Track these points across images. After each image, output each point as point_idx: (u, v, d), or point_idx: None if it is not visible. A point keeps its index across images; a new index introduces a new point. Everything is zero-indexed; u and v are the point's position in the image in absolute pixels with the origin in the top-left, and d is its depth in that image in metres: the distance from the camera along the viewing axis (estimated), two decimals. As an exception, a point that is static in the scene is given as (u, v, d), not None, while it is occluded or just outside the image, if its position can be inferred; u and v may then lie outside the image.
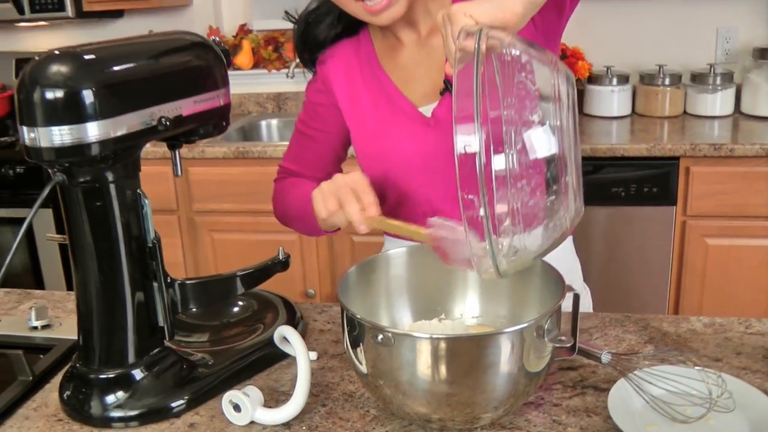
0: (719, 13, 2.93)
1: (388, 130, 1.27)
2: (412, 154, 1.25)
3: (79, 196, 0.93)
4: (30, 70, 0.88)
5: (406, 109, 1.26)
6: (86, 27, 3.41)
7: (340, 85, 1.33)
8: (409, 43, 1.29)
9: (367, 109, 1.30)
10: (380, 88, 1.29)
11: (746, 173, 2.36)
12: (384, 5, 1.15)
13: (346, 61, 1.33)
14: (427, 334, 0.85)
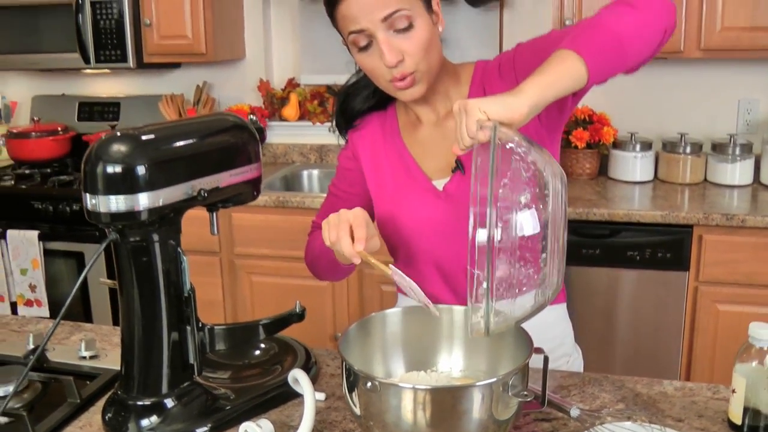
0: (741, 85, 3.05)
1: (404, 197, 1.43)
2: (423, 221, 1.41)
3: (128, 252, 1.11)
4: (96, 147, 1.07)
5: (421, 181, 1.42)
6: (145, 75, 3.66)
7: (365, 154, 1.50)
8: (428, 122, 1.45)
9: (387, 176, 1.46)
10: (400, 160, 1.45)
11: (757, 243, 2.46)
12: (408, 83, 1.31)
13: (372, 132, 1.50)
14: (409, 385, 1.00)
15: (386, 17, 1.25)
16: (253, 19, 3.50)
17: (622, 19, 1.18)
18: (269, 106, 3.52)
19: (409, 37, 1.27)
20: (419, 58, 1.29)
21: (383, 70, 1.30)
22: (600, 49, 1.14)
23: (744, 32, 2.64)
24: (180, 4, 3.14)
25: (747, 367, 1.13)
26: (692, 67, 3.05)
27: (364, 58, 1.31)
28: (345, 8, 1.28)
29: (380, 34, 1.26)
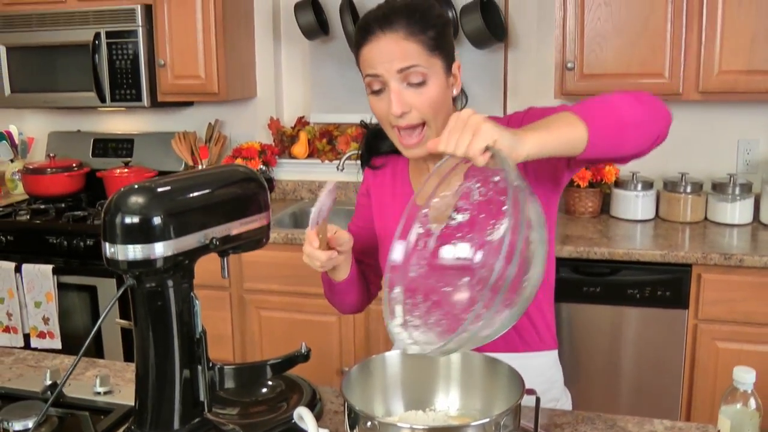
0: (741, 125, 3.12)
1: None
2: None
3: (144, 296, 1.18)
4: (115, 199, 1.14)
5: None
6: (159, 113, 3.76)
7: (377, 193, 1.60)
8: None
9: (393, 218, 1.52)
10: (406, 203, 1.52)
11: (755, 282, 2.51)
12: (414, 143, 1.39)
13: (386, 174, 1.60)
14: (407, 424, 1.06)
15: (402, 69, 1.34)
16: (264, 59, 3.60)
17: (631, 110, 1.23)
18: (279, 143, 3.61)
19: (420, 92, 1.35)
20: (429, 112, 1.37)
21: (390, 117, 1.37)
22: (605, 126, 1.20)
23: (741, 75, 2.71)
24: (194, 45, 3.24)
25: (732, 408, 1.19)
26: (692, 108, 3.13)
27: (375, 101, 1.40)
28: (367, 52, 1.37)
29: (393, 84, 1.35)
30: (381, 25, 1.35)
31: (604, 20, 2.81)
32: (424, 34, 1.35)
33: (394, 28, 1.34)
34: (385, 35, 1.35)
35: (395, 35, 1.34)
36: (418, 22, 1.36)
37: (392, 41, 1.34)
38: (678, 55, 2.76)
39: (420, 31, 1.35)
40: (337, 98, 3.60)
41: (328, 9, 3.48)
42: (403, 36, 1.34)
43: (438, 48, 1.38)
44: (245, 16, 3.48)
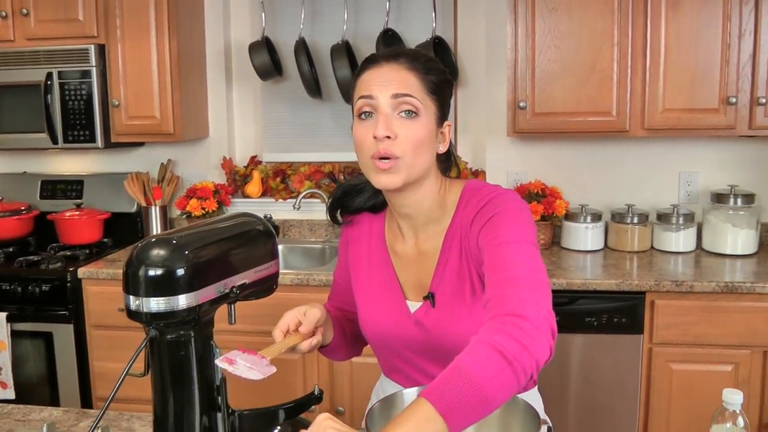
0: (682, 159, 3.30)
1: (382, 309, 1.53)
2: (396, 337, 1.51)
3: (166, 346, 1.20)
4: (137, 252, 1.16)
5: (398, 298, 1.51)
6: (109, 153, 3.72)
7: (355, 251, 1.60)
8: (409, 240, 1.51)
9: (373, 282, 1.55)
10: (384, 270, 1.54)
11: (705, 306, 2.65)
12: (389, 165, 1.33)
13: (364, 232, 1.59)
14: None
15: (397, 95, 1.34)
16: (216, 98, 3.62)
17: (498, 382, 1.10)
18: (232, 183, 3.62)
19: (409, 126, 1.34)
20: (409, 148, 1.34)
21: (370, 143, 1.34)
22: (465, 409, 1.07)
23: (683, 113, 2.89)
24: (148, 85, 3.24)
25: (722, 428, 1.27)
26: (637, 144, 3.30)
27: (360, 126, 1.37)
28: (366, 76, 1.38)
29: (384, 108, 1.34)
30: (387, 58, 1.38)
31: (554, 61, 2.95)
32: (425, 75, 1.38)
33: (399, 61, 1.37)
34: (388, 64, 1.37)
35: (398, 65, 1.36)
36: (422, 64, 1.39)
37: (393, 69, 1.36)
38: (624, 95, 2.91)
39: (422, 71, 1.37)
40: (290, 137, 3.65)
41: (281, 49, 3.54)
42: (405, 68, 1.36)
43: (435, 93, 1.39)
44: (197, 56, 3.50)
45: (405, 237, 1.52)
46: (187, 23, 3.37)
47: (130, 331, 2.99)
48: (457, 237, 1.43)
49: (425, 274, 1.48)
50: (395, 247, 1.53)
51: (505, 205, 1.37)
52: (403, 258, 1.52)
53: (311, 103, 3.58)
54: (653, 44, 2.87)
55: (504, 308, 1.18)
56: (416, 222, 1.48)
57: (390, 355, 1.56)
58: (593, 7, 2.89)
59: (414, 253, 1.50)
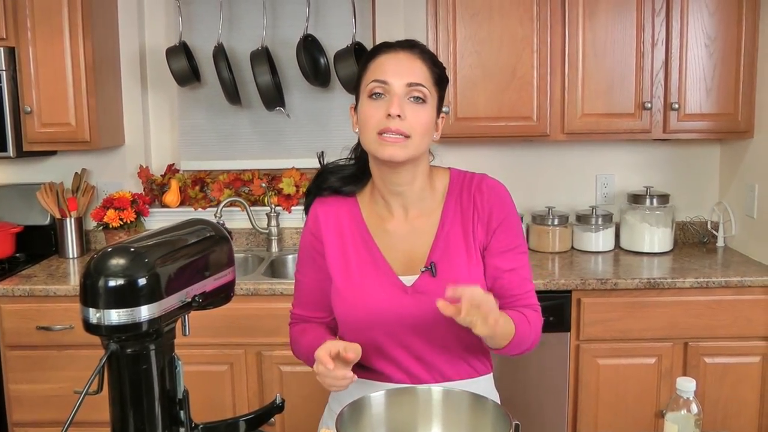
0: (598, 162, 3.43)
1: (371, 289, 1.53)
2: (389, 313, 1.52)
3: (126, 360, 1.16)
4: (95, 262, 1.11)
5: (389, 275, 1.54)
6: (19, 164, 3.55)
7: (330, 236, 1.59)
8: (399, 217, 1.58)
9: (353, 265, 1.56)
10: (367, 251, 1.56)
11: (628, 303, 2.76)
12: (398, 140, 1.44)
13: (337, 218, 1.60)
14: None
15: (411, 84, 1.45)
16: (131, 105, 3.51)
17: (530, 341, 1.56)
18: (149, 192, 3.52)
19: (418, 110, 1.46)
20: (416, 129, 1.45)
21: (379, 120, 1.45)
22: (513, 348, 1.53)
23: (601, 118, 3.00)
24: (63, 91, 3.10)
25: (677, 415, 1.33)
26: (556, 147, 3.40)
27: (370, 105, 1.47)
28: (382, 60, 1.49)
29: (398, 91, 1.45)
30: (402, 45, 1.50)
31: (475, 67, 3.01)
32: (435, 66, 1.51)
33: (414, 50, 1.49)
34: (404, 52, 1.49)
35: (413, 55, 1.49)
36: (431, 57, 1.52)
37: (410, 59, 1.48)
38: (544, 100, 3.00)
39: (432, 63, 1.51)
40: (207, 145, 3.58)
41: (199, 55, 3.47)
42: (419, 57, 1.49)
43: (438, 85, 1.52)
44: (112, 61, 3.39)
45: (395, 215, 1.58)
46: (101, 26, 3.25)
47: (49, 350, 2.87)
48: (458, 218, 1.56)
49: (418, 247, 1.55)
50: (384, 225, 1.58)
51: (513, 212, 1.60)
52: (393, 235, 1.57)
53: (229, 109, 3.52)
54: (571, 51, 2.97)
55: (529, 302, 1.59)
56: (408, 199, 1.57)
57: (376, 337, 1.53)
58: (513, 14, 2.97)
59: (405, 229, 1.57)
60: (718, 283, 2.74)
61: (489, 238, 1.55)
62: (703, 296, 2.75)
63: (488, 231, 1.55)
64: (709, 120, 3.00)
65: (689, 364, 2.78)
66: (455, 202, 1.57)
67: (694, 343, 2.78)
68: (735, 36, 2.96)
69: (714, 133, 3.03)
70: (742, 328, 2.76)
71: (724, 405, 2.81)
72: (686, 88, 2.98)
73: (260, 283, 2.85)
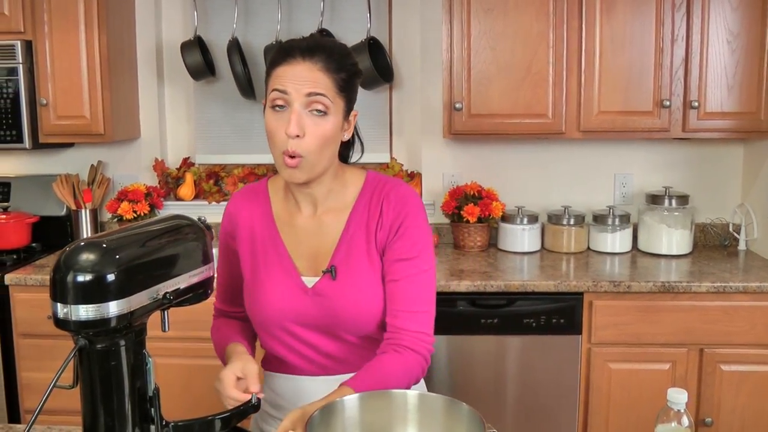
0: (616, 161, 3.36)
1: (274, 287, 1.54)
2: (288, 311, 1.53)
3: (96, 356, 1.14)
4: (64, 257, 1.09)
5: (292, 275, 1.53)
6: (37, 155, 3.58)
7: (242, 237, 1.59)
8: (305, 213, 1.57)
9: (260, 261, 1.56)
10: (274, 249, 1.56)
11: (642, 306, 2.69)
12: (294, 163, 1.42)
13: (250, 215, 1.60)
14: None
15: (310, 94, 1.41)
16: (148, 99, 3.52)
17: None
18: (165, 185, 3.53)
19: (318, 123, 1.42)
20: (314, 146, 1.42)
21: (282, 138, 1.42)
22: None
23: (618, 116, 2.93)
24: (78, 84, 3.12)
25: (667, 427, 1.28)
26: (573, 146, 3.33)
27: (272, 117, 1.44)
28: (283, 71, 1.43)
29: (296, 105, 1.41)
30: (303, 53, 1.42)
31: (490, 63, 2.96)
32: (338, 74, 1.44)
33: (314, 60, 1.42)
34: (304, 62, 1.42)
35: (313, 65, 1.42)
36: (335, 62, 1.44)
37: (309, 69, 1.41)
38: (560, 97, 2.94)
39: (335, 70, 1.43)
40: (223, 139, 3.57)
41: (214, 49, 3.46)
42: (320, 68, 1.42)
43: (344, 91, 1.46)
44: (128, 55, 3.40)
45: (303, 211, 1.57)
46: (118, 20, 3.26)
47: (60, 340, 2.87)
48: (363, 221, 1.53)
49: (323, 246, 1.54)
50: (293, 220, 1.57)
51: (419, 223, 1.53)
52: (300, 230, 1.56)
53: (244, 104, 3.51)
54: (588, 47, 2.90)
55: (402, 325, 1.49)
56: (315, 197, 1.55)
57: (281, 335, 1.55)
58: (529, 10, 2.91)
59: (313, 225, 1.56)
60: (735, 288, 2.66)
61: (386, 244, 1.52)
62: (720, 301, 2.67)
63: (388, 237, 1.52)
64: (730, 119, 2.92)
65: (704, 371, 2.71)
66: (364, 205, 1.55)
67: (710, 349, 2.70)
68: (759, 32, 2.87)
69: (735, 132, 2.94)
70: (760, 336, 2.68)
71: (741, 414, 2.73)
72: (707, 86, 2.90)
73: (268, 278, 2.84)
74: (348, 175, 1.58)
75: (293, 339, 1.55)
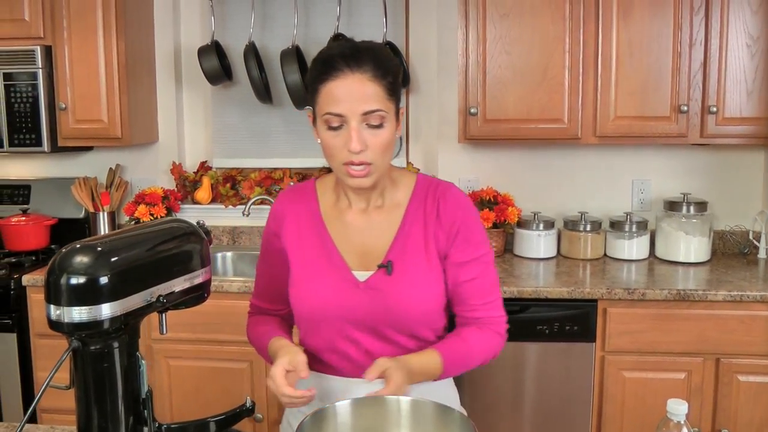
0: (634, 167, 3.32)
1: (323, 283, 1.53)
2: (339, 308, 1.52)
3: (89, 358, 1.14)
4: (59, 260, 1.10)
5: (342, 270, 1.53)
6: (57, 158, 3.63)
7: (289, 234, 1.59)
8: (357, 209, 1.57)
9: (309, 258, 1.56)
10: (322, 245, 1.56)
11: (657, 314, 2.65)
12: (363, 173, 1.43)
13: (296, 212, 1.60)
14: None
15: (366, 113, 1.39)
16: (166, 103, 3.54)
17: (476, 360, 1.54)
18: (182, 188, 3.55)
19: (377, 134, 1.41)
20: (379, 154, 1.43)
21: (343, 152, 1.41)
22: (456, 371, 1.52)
23: (635, 121, 2.89)
24: (96, 88, 3.16)
25: (666, 440, 1.25)
26: (590, 151, 3.30)
27: (331, 137, 1.42)
28: (333, 88, 1.39)
29: (354, 123, 1.39)
30: (349, 63, 1.38)
31: (505, 67, 2.94)
32: (386, 79, 1.41)
33: (362, 69, 1.38)
34: (353, 73, 1.38)
35: (363, 75, 1.38)
36: (381, 67, 1.41)
37: (359, 81, 1.38)
38: (576, 102, 2.91)
39: (383, 75, 1.41)
40: (240, 143, 3.59)
41: (231, 54, 3.48)
42: (369, 77, 1.39)
43: (394, 94, 1.44)
44: (147, 60, 3.43)
45: (353, 207, 1.57)
46: (136, 25, 3.29)
47: (73, 341, 2.91)
48: (420, 220, 1.54)
49: (376, 242, 1.54)
50: (342, 217, 1.57)
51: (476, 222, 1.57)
52: (350, 227, 1.56)
53: (262, 108, 3.52)
54: (605, 52, 2.88)
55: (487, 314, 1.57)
56: (370, 195, 1.55)
57: (327, 331, 1.54)
58: (544, 14, 2.89)
59: (363, 222, 1.56)
60: (753, 297, 2.61)
61: (449, 246, 1.54)
62: (737, 310, 2.63)
63: (449, 239, 1.53)
64: (749, 124, 2.87)
65: (721, 382, 2.66)
66: (419, 205, 1.55)
67: (727, 359, 2.65)
68: (780, 37, 2.83)
69: (754, 138, 2.89)
70: (778, 346, 2.64)
71: (759, 426, 2.68)
72: (725, 91, 2.85)
73: (280, 282, 2.84)
74: (396, 174, 1.59)
75: (337, 335, 1.54)
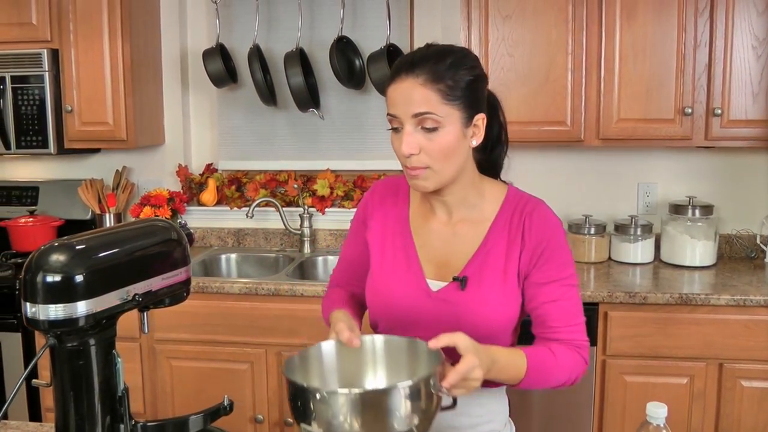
0: (640, 169, 3.29)
1: (398, 285, 1.54)
2: (409, 312, 1.52)
3: (66, 355, 1.15)
4: (35, 258, 1.11)
5: (418, 276, 1.53)
6: (65, 160, 3.66)
7: (375, 226, 1.62)
8: (441, 219, 1.56)
9: (389, 257, 1.57)
10: (404, 248, 1.57)
11: (659, 318, 2.63)
12: (417, 174, 1.43)
13: (386, 211, 1.62)
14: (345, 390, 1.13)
15: (417, 114, 1.39)
16: (172, 105, 3.56)
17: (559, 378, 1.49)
18: (187, 190, 3.57)
19: (432, 138, 1.39)
20: (436, 158, 1.41)
21: (401, 155, 1.43)
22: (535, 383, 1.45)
23: (638, 123, 2.87)
24: (102, 91, 3.19)
25: (646, 442, 1.24)
26: (594, 154, 3.28)
27: (393, 137, 1.45)
28: (391, 92, 1.43)
29: (407, 126, 1.40)
30: (406, 69, 1.40)
31: (508, 70, 2.93)
32: (438, 84, 1.39)
33: (416, 74, 1.39)
34: (408, 78, 1.39)
35: (415, 80, 1.39)
36: (436, 73, 1.39)
37: (411, 86, 1.39)
38: (579, 104, 2.89)
39: (435, 81, 1.39)
40: (245, 145, 3.60)
41: (236, 57, 3.49)
42: (421, 82, 1.38)
43: (456, 99, 1.40)
44: (153, 63, 3.45)
45: (437, 215, 1.56)
46: (142, 28, 3.32)
47: (76, 342, 2.93)
48: (504, 238, 1.51)
49: (455, 255, 1.52)
50: (427, 223, 1.57)
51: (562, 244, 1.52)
52: (433, 235, 1.56)
53: (267, 111, 3.53)
54: (608, 54, 2.86)
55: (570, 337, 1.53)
56: (450, 204, 1.54)
57: (394, 329, 1.54)
58: (547, 16, 2.88)
59: (446, 231, 1.55)
60: (756, 302, 2.58)
61: (532, 267, 1.49)
62: (740, 315, 2.60)
63: (532, 260, 1.48)
64: (754, 127, 2.83)
65: (724, 387, 2.63)
66: (505, 221, 1.52)
67: (730, 364, 2.63)
68: (786, 38, 2.80)
69: (760, 141, 2.85)
70: (782, 351, 2.61)
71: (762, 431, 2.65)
72: (731, 93, 2.82)
73: (281, 284, 2.85)
74: (487, 187, 1.55)
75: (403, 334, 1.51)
